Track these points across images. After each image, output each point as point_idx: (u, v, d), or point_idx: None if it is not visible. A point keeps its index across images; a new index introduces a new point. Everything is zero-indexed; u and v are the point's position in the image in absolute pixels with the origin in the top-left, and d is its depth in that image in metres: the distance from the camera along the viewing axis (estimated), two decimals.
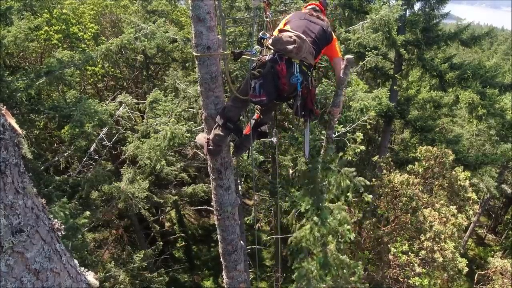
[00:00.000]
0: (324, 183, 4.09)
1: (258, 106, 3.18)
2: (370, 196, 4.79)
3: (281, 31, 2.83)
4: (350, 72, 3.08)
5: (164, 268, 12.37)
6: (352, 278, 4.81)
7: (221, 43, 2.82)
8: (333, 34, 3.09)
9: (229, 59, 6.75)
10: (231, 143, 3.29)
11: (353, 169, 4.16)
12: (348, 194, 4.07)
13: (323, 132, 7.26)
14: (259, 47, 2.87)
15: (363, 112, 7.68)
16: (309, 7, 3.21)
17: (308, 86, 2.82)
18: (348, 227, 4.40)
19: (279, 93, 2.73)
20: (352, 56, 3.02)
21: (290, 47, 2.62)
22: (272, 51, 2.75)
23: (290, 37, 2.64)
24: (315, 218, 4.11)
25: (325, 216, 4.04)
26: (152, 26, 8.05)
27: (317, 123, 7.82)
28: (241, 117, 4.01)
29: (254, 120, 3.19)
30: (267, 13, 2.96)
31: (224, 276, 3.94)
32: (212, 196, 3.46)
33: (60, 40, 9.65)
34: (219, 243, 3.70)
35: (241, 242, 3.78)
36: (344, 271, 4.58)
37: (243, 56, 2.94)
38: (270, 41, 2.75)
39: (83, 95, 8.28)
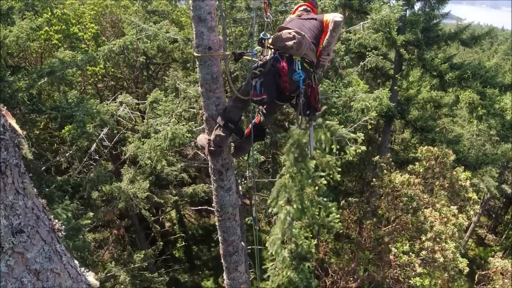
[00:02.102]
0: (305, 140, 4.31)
1: (260, 108, 3.17)
2: (353, 148, 4.98)
3: (280, 29, 2.83)
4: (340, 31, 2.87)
5: (165, 268, 12.38)
6: (328, 219, 5.32)
7: (222, 44, 2.82)
8: (324, 16, 2.98)
9: (230, 60, 6.76)
10: (231, 143, 3.28)
11: (336, 122, 4.27)
12: (332, 146, 4.21)
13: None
14: (260, 47, 2.86)
15: (364, 113, 7.68)
16: (300, 9, 3.20)
17: (311, 84, 2.81)
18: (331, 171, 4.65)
19: (280, 91, 2.72)
20: (341, 19, 2.86)
21: (290, 43, 2.61)
22: (272, 50, 2.75)
23: (290, 33, 2.64)
24: (294, 168, 4.43)
25: (306, 166, 4.28)
26: (154, 27, 8.05)
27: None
28: (242, 118, 4.00)
29: (254, 123, 3.16)
30: (268, 13, 2.96)
31: (225, 277, 3.94)
32: (213, 197, 3.45)
33: (60, 40, 9.65)
34: (220, 244, 3.69)
35: (242, 243, 3.77)
36: (322, 212, 5.07)
37: (243, 56, 2.94)
38: (270, 40, 2.75)
39: (84, 96, 8.29)
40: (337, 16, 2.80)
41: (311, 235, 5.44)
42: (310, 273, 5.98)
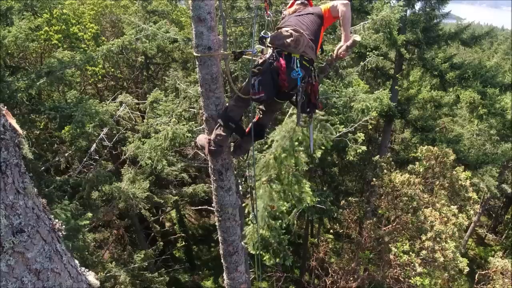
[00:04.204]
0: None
1: (260, 107, 3.17)
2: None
3: (278, 28, 2.85)
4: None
5: (165, 268, 12.36)
6: (303, 190, 5.78)
7: (222, 44, 2.82)
8: (322, 6, 2.95)
9: (230, 59, 6.76)
10: (231, 143, 3.28)
11: (322, 112, 4.75)
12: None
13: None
14: (260, 46, 2.86)
15: (364, 113, 7.68)
16: (296, 2, 3.16)
17: (311, 81, 2.81)
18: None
19: (279, 89, 2.72)
20: (359, 39, 2.78)
21: (288, 40, 2.63)
22: (272, 49, 2.75)
23: (287, 31, 2.66)
24: (280, 150, 5.06)
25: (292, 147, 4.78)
26: (153, 27, 8.05)
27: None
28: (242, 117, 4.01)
29: (254, 122, 3.16)
30: (268, 12, 2.96)
31: (225, 278, 3.93)
32: (213, 197, 3.45)
33: (60, 40, 9.64)
34: (220, 244, 3.69)
35: (242, 243, 3.77)
36: (296, 186, 5.65)
37: (243, 56, 2.94)
38: (268, 38, 2.75)
39: (83, 96, 8.29)
40: (341, 5, 2.73)
41: (286, 202, 5.94)
42: (282, 231, 6.47)
